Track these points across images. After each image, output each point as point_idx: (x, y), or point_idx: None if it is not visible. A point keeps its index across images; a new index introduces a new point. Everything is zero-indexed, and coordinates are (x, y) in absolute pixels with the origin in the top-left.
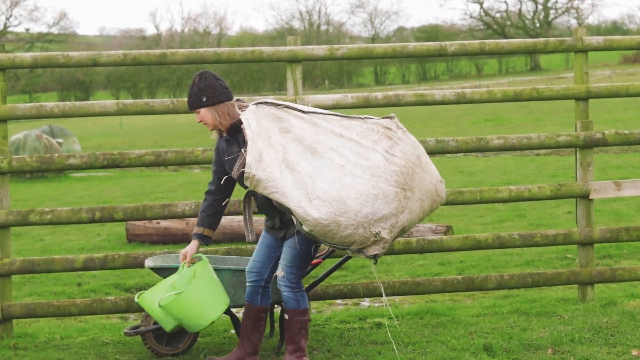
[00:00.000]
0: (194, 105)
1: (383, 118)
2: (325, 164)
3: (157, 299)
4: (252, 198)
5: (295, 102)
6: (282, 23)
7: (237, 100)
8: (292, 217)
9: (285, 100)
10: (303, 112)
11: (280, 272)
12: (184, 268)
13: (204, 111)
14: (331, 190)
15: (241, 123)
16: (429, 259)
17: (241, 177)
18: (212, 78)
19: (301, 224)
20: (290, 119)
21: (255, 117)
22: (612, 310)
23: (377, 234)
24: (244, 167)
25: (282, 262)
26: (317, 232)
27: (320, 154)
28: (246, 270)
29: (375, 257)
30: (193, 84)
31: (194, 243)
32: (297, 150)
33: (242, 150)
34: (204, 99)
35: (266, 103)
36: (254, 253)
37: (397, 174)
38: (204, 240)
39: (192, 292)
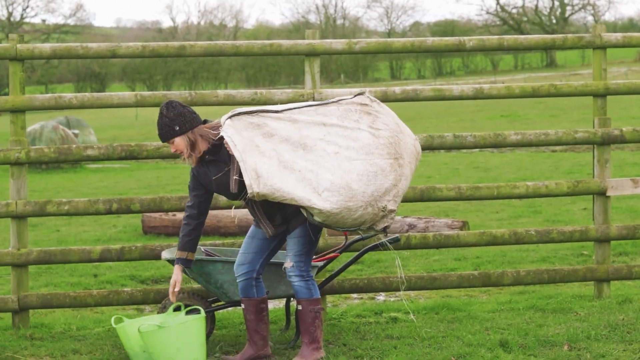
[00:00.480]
0: (168, 136)
1: (355, 96)
2: (320, 155)
3: (138, 326)
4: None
5: (314, 96)
6: (298, 16)
7: (205, 121)
8: (301, 209)
9: (304, 95)
10: (278, 111)
11: (289, 263)
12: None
13: (178, 140)
14: (335, 179)
15: (222, 141)
16: (444, 254)
17: (238, 194)
18: (179, 106)
19: (312, 216)
20: (269, 122)
21: (236, 132)
22: (628, 307)
23: (384, 208)
24: (239, 179)
25: (290, 253)
26: (329, 221)
27: (311, 147)
28: (235, 264)
29: (385, 230)
30: (161, 115)
31: (178, 269)
32: (288, 150)
33: (229, 168)
34: (177, 128)
35: (239, 114)
36: (243, 246)
37: (386, 145)
38: (187, 264)
39: (176, 331)
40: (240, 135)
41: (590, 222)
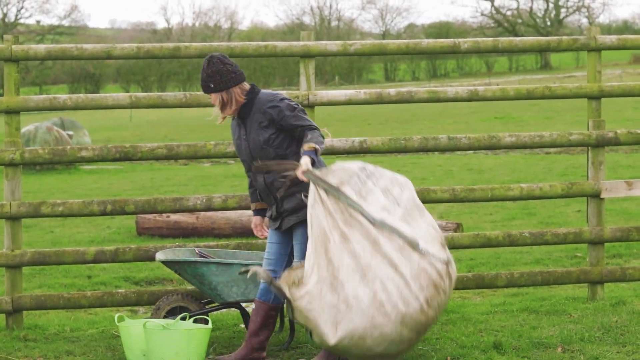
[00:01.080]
0: (205, 90)
1: (443, 262)
2: (367, 295)
3: (144, 322)
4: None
5: (308, 98)
6: (293, 18)
7: (252, 85)
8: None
9: (299, 96)
10: (373, 221)
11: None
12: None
13: (213, 96)
14: (358, 328)
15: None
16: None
17: (249, 162)
18: (220, 63)
19: (311, 334)
20: (355, 228)
21: (323, 208)
22: (622, 309)
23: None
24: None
25: (296, 259)
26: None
27: (368, 281)
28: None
29: None
30: (202, 69)
31: (256, 219)
32: (348, 268)
33: (303, 195)
34: (212, 85)
35: (339, 192)
36: (266, 251)
37: (421, 324)
38: (261, 213)
39: (179, 335)
40: (324, 218)
41: (584, 224)
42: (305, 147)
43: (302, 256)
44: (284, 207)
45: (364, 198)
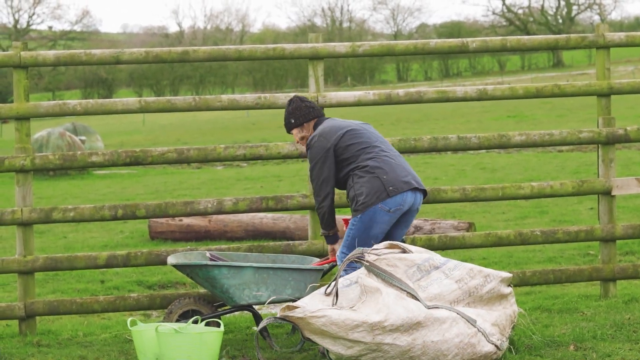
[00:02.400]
0: (288, 127)
1: (493, 345)
2: (404, 343)
3: (156, 326)
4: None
5: (318, 100)
6: (305, 20)
7: (320, 118)
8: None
9: (310, 99)
10: (426, 306)
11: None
12: (190, 324)
13: (295, 131)
14: None
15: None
16: (450, 256)
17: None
18: (299, 101)
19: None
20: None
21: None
22: (634, 306)
23: None
24: None
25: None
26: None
27: (411, 334)
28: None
29: None
30: (285, 109)
31: (333, 247)
32: (397, 318)
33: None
34: (292, 121)
35: (391, 280)
36: None
37: None
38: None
39: (191, 338)
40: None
41: (596, 222)
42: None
43: (344, 238)
44: (349, 196)
45: (422, 287)
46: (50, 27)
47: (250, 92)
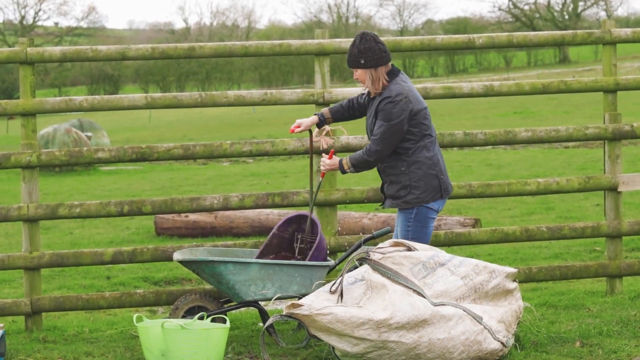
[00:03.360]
0: (352, 65)
1: (499, 342)
2: (410, 340)
3: (162, 322)
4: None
5: (324, 96)
6: (311, 16)
7: (393, 67)
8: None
9: (314, 95)
10: (433, 303)
11: None
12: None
13: (360, 72)
14: None
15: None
16: (457, 252)
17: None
18: (372, 41)
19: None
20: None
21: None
22: None
23: None
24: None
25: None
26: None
27: (417, 331)
28: None
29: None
30: (354, 44)
31: (313, 118)
32: (404, 316)
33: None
34: (362, 62)
35: (396, 278)
36: None
37: None
38: (321, 117)
39: (197, 334)
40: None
41: (602, 218)
42: (342, 161)
43: (402, 238)
44: (386, 192)
45: (427, 285)
46: (56, 24)
47: (257, 88)
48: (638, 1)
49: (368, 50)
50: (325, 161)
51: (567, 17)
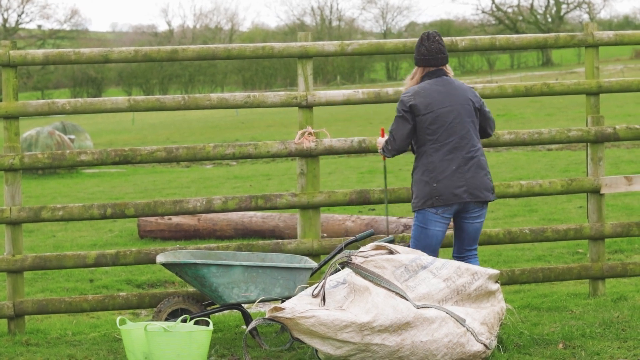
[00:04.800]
0: (441, 62)
1: (482, 344)
2: (393, 343)
3: (145, 325)
4: None
5: (307, 99)
6: (294, 19)
7: (435, 70)
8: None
9: (297, 97)
10: (415, 306)
11: None
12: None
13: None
14: None
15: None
16: (441, 254)
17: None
18: (420, 41)
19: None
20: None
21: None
22: (623, 305)
23: None
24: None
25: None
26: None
27: (400, 334)
28: None
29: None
30: (418, 40)
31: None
32: (386, 319)
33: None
34: (415, 56)
35: (378, 281)
36: None
37: None
38: None
39: (180, 337)
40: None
41: (585, 221)
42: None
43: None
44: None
45: (410, 288)
46: (39, 26)
47: (240, 91)
48: (620, 4)
49: (415, 49)
50: (380, 140)
51: (550, 19)
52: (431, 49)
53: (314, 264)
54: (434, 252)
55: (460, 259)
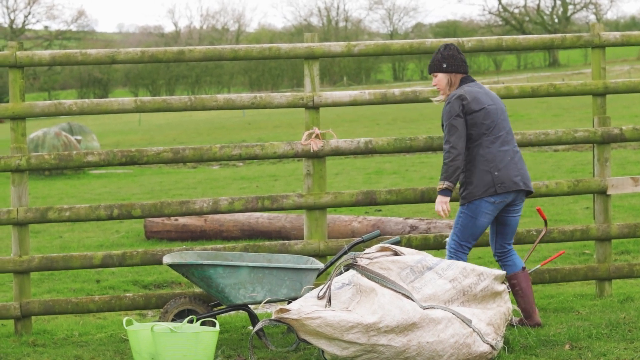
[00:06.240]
0: (435, 68)
1: (489, 345)
2: (399, 344)
3: (152, 326)
4: None
5: (313, 100)
6: (301, 20)
7: (465, 74)
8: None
9: (303, 98)
10: (422, 306)
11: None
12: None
13: (441, 76)
14: None
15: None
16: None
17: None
18: (455, 50)
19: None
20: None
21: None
22: (629, 305)
23: None
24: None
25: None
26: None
27: (406, 335)
28: None
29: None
30: (438, 51)
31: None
32: (393, 319)
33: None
34: (444, 66)
35: (384, 282)
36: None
37: None
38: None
39: (187, 338)
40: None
41: (592, 222)
42: (438, 186)
43: (454, 225)
44: (463, 180)
45: (416, 289)
46: (46, 27)
47: (246, 91)
48: (627, 5)
49: (450, 57)
50: (438, 208)
51: (556, 20)
52: (464, 58)
53: (320, 265)
54: (475, 241)
55: (502, 255)
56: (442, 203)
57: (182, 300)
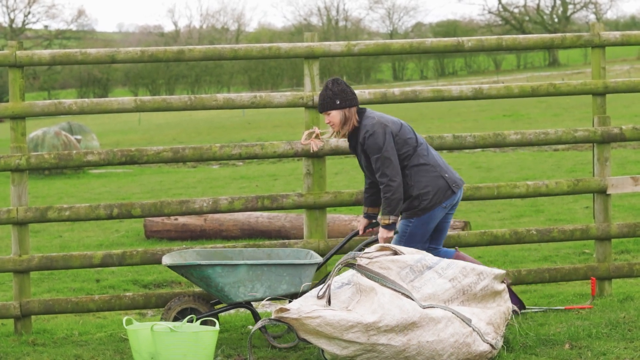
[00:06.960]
0: (327, 107)
1: (489, 344)
2: (399, 343)
3: (152, 325)
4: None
5: (313, 99)
6: (301, 19)
7: (358, 106)
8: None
9: (303, 97)
10: (421, 306)
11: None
12: (185, 323)
13: (334, 113)
14: None
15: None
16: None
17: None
18: (344, 84)
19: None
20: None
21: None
22: (629, 305)
23: None
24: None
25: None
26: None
27: (406, 334)
28: None
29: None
30: (326, 87)
31: (363, 220)
32: (393, 319)
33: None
34: (338, 102)
35: (384, 282)
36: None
37: None
38: (368, 216)
39: (187, 337)
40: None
41: (592, 221)
42: (381, 220)
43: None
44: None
45: (416, 288)
46: (45, 27)
47: (246, 91)
48: (627, 4)
49: (342, 92)
50: (381, 241)
51: (556, 20)
52: (353, 90)
53: (319, 259)
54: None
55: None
56: (387, 238)
57: (186, 298)
